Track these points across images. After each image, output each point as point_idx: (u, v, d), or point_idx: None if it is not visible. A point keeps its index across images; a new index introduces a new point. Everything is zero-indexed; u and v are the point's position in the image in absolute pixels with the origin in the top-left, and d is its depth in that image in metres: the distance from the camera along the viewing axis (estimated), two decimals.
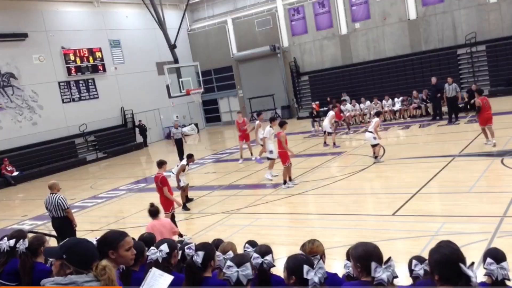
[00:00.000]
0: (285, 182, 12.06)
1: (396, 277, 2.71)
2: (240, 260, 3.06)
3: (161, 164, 9.56)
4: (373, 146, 13.42)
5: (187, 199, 11.91)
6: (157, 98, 29.44)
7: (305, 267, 2.84)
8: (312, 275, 2.82)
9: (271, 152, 13.09)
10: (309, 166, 14.16)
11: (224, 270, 3.02)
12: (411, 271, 3.62)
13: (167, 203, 9.39)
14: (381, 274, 2.67)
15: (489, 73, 23.25)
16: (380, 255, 2.82)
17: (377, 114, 14.52)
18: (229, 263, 3.01)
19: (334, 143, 16.70)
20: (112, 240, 3.01)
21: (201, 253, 3.40)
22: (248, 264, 3.03)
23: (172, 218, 9.37)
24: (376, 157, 13.37)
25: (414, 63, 25.06)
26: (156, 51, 29.74)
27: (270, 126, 13.28)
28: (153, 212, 7.30)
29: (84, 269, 2.61)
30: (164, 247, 3.93)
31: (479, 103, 13.16)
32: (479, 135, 14.62)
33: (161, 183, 9.24)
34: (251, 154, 16.94)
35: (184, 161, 11.80)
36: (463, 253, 2.65)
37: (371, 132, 13.32)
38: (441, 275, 2.58)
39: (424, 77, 23.11)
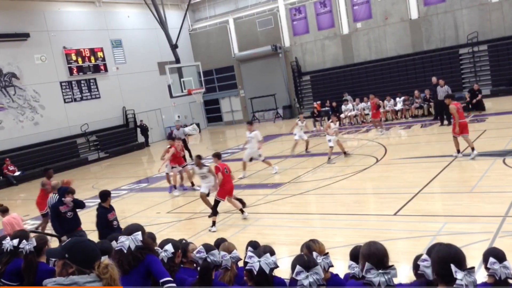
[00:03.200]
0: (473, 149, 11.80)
1: (393, 285, 2.68)
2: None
3: (218, 155, 10.32)
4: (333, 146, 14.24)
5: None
6: (159, 98, 29.46)
7: (298, 267, 2.83)
8: (302, 277, 2.80)
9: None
10: (311, 165, 14.16)
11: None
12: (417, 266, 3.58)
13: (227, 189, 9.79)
14: (373, 277, 2.66)
15: (490, 73, 23.23)
16: (380, 258, 2.79)
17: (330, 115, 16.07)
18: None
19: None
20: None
21: (216, 252, 3.53)
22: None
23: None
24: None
25: (415, 63, 25.04)
26: (158, 51, 29.76)
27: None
28: (4, 210, 8.88)
29: (87, 268, 2.61)
30: (169, 247, 3.96)
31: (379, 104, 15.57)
32: (480, 135, 14.61)
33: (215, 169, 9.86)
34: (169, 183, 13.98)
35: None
36: (465, 253, 2.65)
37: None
38: (437, 274, 2.61)
39: (425, 77, 23.07)
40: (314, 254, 3.44)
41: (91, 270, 2.59)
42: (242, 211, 9.86)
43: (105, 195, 7.88)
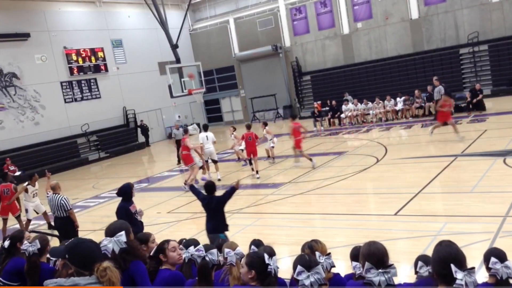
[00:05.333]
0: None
1: (393, 285, 2.67)
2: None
3: (250, 127, 14.17)
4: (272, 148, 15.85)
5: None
6: (159, 98, 29.46)
7: (299, 267, 2.83)
8: (303, 277, 2.79)
9: None
10: (311, 165, 14.14)
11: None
12: (416, 272, 3.60)
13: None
14: (373, 276, 2.65)
15: (491, 73, 23.21)
16: (380, 257, 2.78)
17: (265, 124, 16.71)
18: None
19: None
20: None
21: (215, 251, 3.43)
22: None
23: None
24: (273, 158, 15.84)
25: (416, 63, 25.03)
26: (158, 51, 29.77)
27: None
28: None
29: (85, 270, 2.58)
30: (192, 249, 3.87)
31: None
32: (481, 135, 14.61)
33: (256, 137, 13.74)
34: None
35: None
36: (465, 253, 2.64)
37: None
38: (438, 273, 2.60)
39: (426, 77, 23.07)
40: (317, 254, 3.44)
41: (90, 272, 2.56)
42: (256, 172, 13.45)
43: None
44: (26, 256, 4.14)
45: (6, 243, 4.35)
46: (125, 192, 7.26)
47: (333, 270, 3.77)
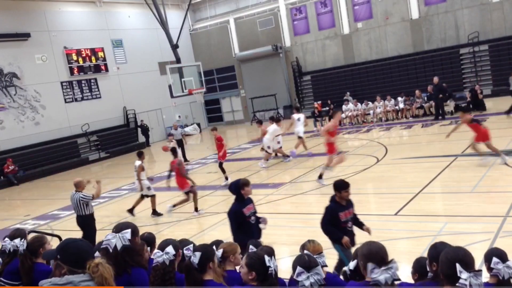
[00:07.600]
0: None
1: (398, 279, 2.67)
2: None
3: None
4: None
5: None
6: (159, 98, 29.48)
7: (298, 268, 2.82)
8: (303, 278, 2.79)
9: None
10: (312, 165, 14.15)
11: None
12: (417, 267, 3.58)
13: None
14: (378, 275, 2.64)
15: (491, 73, 23.20)
16: (382, 256, 2.79)
17: (274, 119, 16.50)
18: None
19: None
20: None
21: (198, 254, 3.37)
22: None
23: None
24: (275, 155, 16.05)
25: (416, 63, 25.02)
26: (158, 51, 29.77)
27: None
28: None
29: (78, 268, 2.59)
30: (170, 249, 3.83)
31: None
32: None
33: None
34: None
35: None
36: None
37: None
38: (444, 274, 2.60)
39: (426, 77, 23.05)
40: (306, 252, 3.44)
41: (83, 271, 2.57)
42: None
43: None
44: (18, 255, 4.16)
45: (14, 243, 4.32)
46: (234, 190, 6.32)
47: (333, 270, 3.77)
